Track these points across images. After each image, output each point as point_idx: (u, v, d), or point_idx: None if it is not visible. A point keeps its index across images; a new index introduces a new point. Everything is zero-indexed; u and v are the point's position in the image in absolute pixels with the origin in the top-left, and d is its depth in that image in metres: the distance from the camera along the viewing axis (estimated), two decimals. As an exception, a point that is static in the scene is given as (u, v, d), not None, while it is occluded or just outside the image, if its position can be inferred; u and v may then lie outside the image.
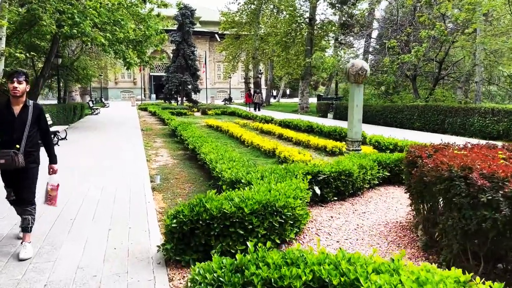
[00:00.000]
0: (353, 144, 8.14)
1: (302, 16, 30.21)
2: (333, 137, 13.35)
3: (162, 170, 8.68)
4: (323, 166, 6.01)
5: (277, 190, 4.45)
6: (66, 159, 9.75)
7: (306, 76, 30.69)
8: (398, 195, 6.48)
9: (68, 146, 12.03)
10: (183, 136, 11.51)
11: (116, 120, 22.60)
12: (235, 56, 44.54)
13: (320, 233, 4.79)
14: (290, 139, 13.15)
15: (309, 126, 15.58)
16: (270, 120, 20.03)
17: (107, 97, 54.12)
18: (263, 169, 5.82)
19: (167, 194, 6.69)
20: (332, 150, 10.43)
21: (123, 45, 17.02)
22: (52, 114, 14.62)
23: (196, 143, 9.83)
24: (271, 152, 10.22)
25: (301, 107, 31.04)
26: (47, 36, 20.54)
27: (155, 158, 10.34)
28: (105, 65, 34.49)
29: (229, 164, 6.65)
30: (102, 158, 9.90)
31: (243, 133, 13.15)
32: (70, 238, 4.58)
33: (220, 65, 61.97)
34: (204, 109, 28.25)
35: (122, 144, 12.54)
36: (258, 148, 11.10)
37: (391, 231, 4.85)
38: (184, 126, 13.54)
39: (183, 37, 34.15)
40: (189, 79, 33.98)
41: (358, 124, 8.07)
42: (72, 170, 8.38)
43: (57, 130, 12.28)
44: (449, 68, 20.06)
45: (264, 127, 15.87)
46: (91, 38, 14.89)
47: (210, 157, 7.72)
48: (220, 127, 16.17)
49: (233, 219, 3.85)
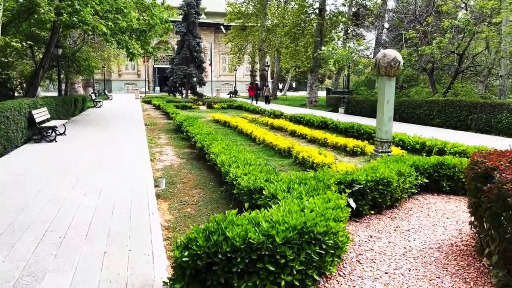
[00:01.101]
0: (383, 145, 7.23)
1: (312, 6, 29.11)
2: (350, 134, 12.45)
3: (167, 172, 7.82)
4: (358, 174, 5.11)
5: (312, 208, 3.57)
6: (62, 157, 8.90)
7: (315, 68, 29.65)
8: (441, 206, 5.59)
9: (66, 142, 11.18)
10: (190, 132, 10.63)
11: (119, 113, 21.75)
12: (241, 48, 43.51)
13: (362, 259, 3.91)
14: (304, 136, 12.24)
15: (323, 122, 14.65)
16: (279, 115, 19.11)
17: (110, 89, 53.26)
18: (287, 177, 4.93)
19: (173, 202, 5.83)
20: (353, 149, 9.51)
21: (126, 35, 16.11)
22: (51, 108, 13.77)
23: (205, 141, 8.95)
24: (286, 152, 9.33)
25: (310, 101, 30.04)
26: (47, 26, 19.67)
27: (159, 157, 9.48)
28: (108, 56, 33.56)
29: (245, 169, 5.77)
30: (102, 157, 9.04)
31: (254, 130, 12.25)
32: (56, 265, 3.72)
33: (225, 57, 60.88)
34: (210, 103, 27.32)
35: (124, 140, 11.68)
36: (271, 147, 10.21)
37: (449, 257, 3.96)
38: (190, 122, 12.66)
39: (188, 28, 33.11)
40: (194, 72, 32.98)
41: (389, 122, 7.16)
42: (68, 171, 7.53)
43: (55, 125, 11.42)
44: (469, 61, 19.00)
45: (274, 122, 14.95)
46: (92, 26, 14.01)
47: (221, 158, 6.84)
48: (228, 123, 15.26)
49: (261, 251, 2.98)
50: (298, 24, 27.42)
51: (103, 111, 23.25)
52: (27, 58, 21.95)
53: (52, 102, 14.01)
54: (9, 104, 9.58)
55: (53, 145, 10.75)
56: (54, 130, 11.60)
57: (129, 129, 14.39)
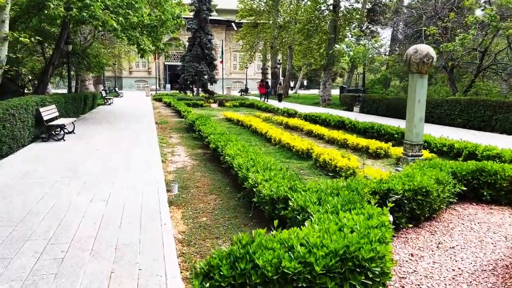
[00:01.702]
0: (413, 148, 6.66)
1: (326, 3, 28.45)
2: (370, 135, 11.86)
3: (180, 175, 7.34)
4: (393, 182, 4.57)
5: (352, 227, 3.04)
6: (70, 158, 8.48)
7: (329, 66, 29.00)
8: (483, 218, 5.03)
9: (74, 141, 10.78)
10: (203, 132, 10.16)
11: (129, 111, 21.39)
12: (253, 46, 42.99)
13: (407, 285, 3.38)
14: (322, 136, 11.69)
15: (340, 121, 14.08)
16: (293, 114, 18.56)
17: (121, 87, 53.14)
18: (315, 186, 4.41)
19: (187, 210, 5.34)
20: (376, 151, 8.94)
21: (137, 31, 15.68)
22: (60, 105, 13.39)
23: (219, 141, 8.47)
24: (305, 153, 8.80)
25: (323, 99, 29.41)
26: (57, 21, 19.36)
27: (171, 158, 9.01)
28: (118, 53, 33.25)
29: (265, 174, 5.27)
30: (111, 158, 8.60)
31: (269, 129, 11.74)
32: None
33: (236, 55, 60.37)
34: (221, 101, 26.87)
35: (134, 139, 11.25)
36: (288, 148, 9.68)
37: (507, 283, 3.41)
38: (203, 120, 12.19)
39: (199, 24, 32.59)
40: (206, 69, 32.48)
41: (420, 123, 6.59)
42: (75, 173, 7.10)
43: (63, 123, 11.02)
44: (491, 59, 18.23)
45: (289, 121, 14.41)
46: (102, 22, 13.59)
47: (238, 161, 6.35)
48: (241, 121, 14.75)
49: (297, 283, 2.47)
50: (312, 21, 26.79)
51: (114, 108, 22.91)
52: (37, 54, 21.70)
53: (61, 100, 13.64)
54: (16, 102, 9.19)
55: (61, 144, 10.35)
56: (63, 129, 11.21)
57: (139, 127, 13.97)
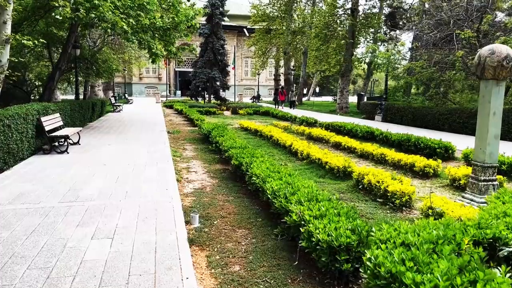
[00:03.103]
0: (486, 171, 5.44)
1: (344, 7, 27.35)
2: (405, 149, 10.62)
3: (199, 198, 6.21)
4: (496, 227, 3.37)
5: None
6: (72, 175, 7.38)
7: (346, 73, 27.79)
8: None
9: (79, 154, 9.71)
10: (222, 145, 9.03)
11: (139, 118, 20.38)
12: (265, 52, 41.97)
13: None
14: (353, 150, 10.49)
15: (368, 132, 12.85)
16: (313, 123, 17.39)
17: (131, 93, 52.43)
18: (390, 231, 3.22)
19: (213, 252, 4.19)
20: (423, 170, 7.71)
21: (149, 34, 14.68)
22: (65, 113, 12.38)
23: (242, 157, 7.34)
24: (342, 172, 7.61)
25: (340, 107, 28.18)
26: (65, 24, 18.49)
27: (187, 175, 7.89)
28: (129, 58, 32.42)
29: (313, 207, 4.11)
30: (118, 176, 7.49)
31: (294, 142, 10.56)
32: None
33: (248, 61, 59.53)
34: (235, 108, 25.76)
35: (144, 152, 10.15)
36: (319, 164, 8.50)
37: None
38: (220, 131, 11.07)
39: (212, 29, 31.66)
40: (218, 75, 31.47)
41: (495, 141, 5.37)
42: (75, 197, 5.99)
43: (67, 134, 9.96)
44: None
45: (313, 132, 13.21)
46: (112, 24, 12.61)
47: (271, 185, 5.21)
48: (260, 132, 13.58)
49: None
50: (330, 25, 25.68)
51: (123, 116, 21.93)
52: (44, 59, 20.86)
53: (66, 108, 12.62)
54: (13, 111, 8.15)
55: (64, 157, 9.28)
56: (66, 140, 10.17)
57: (150, 138, 12.89)
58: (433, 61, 17.06)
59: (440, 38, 17.16)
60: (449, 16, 16.34)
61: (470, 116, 15.05)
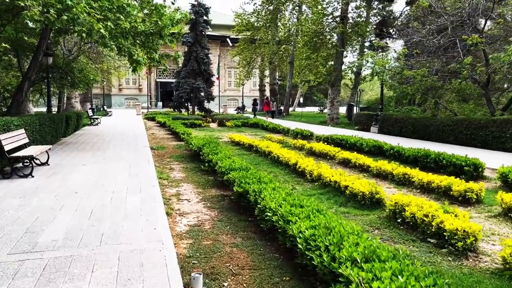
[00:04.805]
0: None
1: (333, 15, 26.42)
2: (423, 166, 9.39)
3: (197, 242, 4.77)
4: None
5: None
6: (31, 213, 5.79)
7: (337, 82, 26.78)
8: None
9: (45, 179, 8.11)
10: (219, 167, 7.61)
11: (119, 132, 18.74)
12: (250, 61, 40.80)
13: None
14: (366, 168, 9.19)
15: (375, 146, 11.62)
16: (309, 136, 16.12)
17: (110, 105, 50.36)
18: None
19: None
20: (464, 195, 6.44)
21: (129, 41, 13.19)
22: (33, 129, 10.76)
23: (247, 183, 5.96)
24: (369, 199, 6.27)
25: (331, 118, 27.10)
26: (36, 31, 16.84)
27: (178, 206, 6.42)
28: (107, 68, 30.67)
29: (385, 279, 2.75)
30: (92, 210, 5.96)
31: (299, 159, 9.20)
32: None
33: (231, 71, 58.28)
34: (221, 120, 24.33)
35: (125, 175, 8.63)
36: (336, 188, 7.15)
37: None
38: (212, 148, 9.66)
39: (196, 38, 30.22)
40: (202, 85, 29.95)
41: None
42: (31, 247, 4.44)
43: (31, 154, 8.36)
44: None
45: (314, 147, 11.88)
46: (87, 29, 11.07)
47: (301, 230, 3.85)
48: (256, 147, 12.18)
49: None
50: (321, 33, 24.64)
51: (101, 130, 20.22)
52: (14, 69, 19.07)
53: (34, 122, 10.99)
54: (-40, 128, 6.58)
55: (27, 183, 7.68)
56: (32, 161, 8.57)
57: (132, 156, 11.35)
58: (434, 69, 16.07)
59: (441, 44, 16.20)
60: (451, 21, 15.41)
61: (479, 127, 14.01)
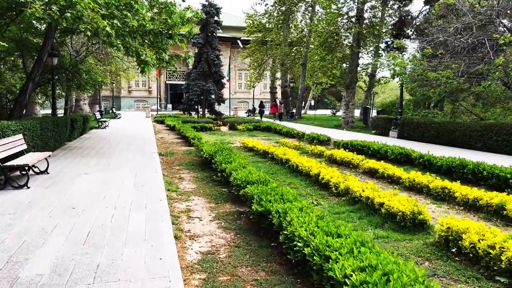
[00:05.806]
0: None
1: (348, 14, 25.49)
2: (458, 177, 8.44)
3: (212, 277, 3.91)
4: None
5: None
6: (18, 234, 4.96)
7: (352, 84, 25.83)
8: None
9: (42, 190, 7.33)
10: (233, 178, 6.74)
11: (127, 136, 18.02)
12: (261, 63, 39.97)
13: None
14: (396, 180, 8.27)
15: (402, 154, 10.69)
16: (325, 141, 15.24)
17: (119, 107, 49.88)
18: None
19: None
20: (521, 216, 5.52)
21: (137, 40, 12.45)
22: (33, 133, 10.03)
23: (268, 201, 5.11)
24: (410, 221, 5.36)
25: (346, 121, 26.16)
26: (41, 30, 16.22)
27: (188, 225, 5.58)
28: (116, 70, 30.06)
29: None
30: (89, 233, 5.14)
31: (321, 169, 8.31)
32: None
33: (242, 73, 57.48)
34: (232, 123, 23.53)
35: (130, 186, 7.82)
36: (367, 204, 6.25)
37: None
38: (225, 155, 8.82)
39: (206, 39, 29.47)
40: (213, 88, 29.19)
41: None
42: (14, 278, 3.63)
43: (27, 163, 7.59)
44: None
45: (335, 154, 10.98)
46: (93, 26, 10.33)
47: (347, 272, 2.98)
48: (272, 154, 11.31)
49: None
50: (336, 33, 23.74)
51: (109, 133, 19.53)
52: (19, 70, 18.48)
53: (35, 126, 10.25)
54: None
55: (20, 195, 6.91)
56: (28, 170, 7.81)
57: (139, 163, 10.57)
58: (460, 70, 15.07)
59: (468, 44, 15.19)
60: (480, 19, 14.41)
61: (510, 133, 13.01)
